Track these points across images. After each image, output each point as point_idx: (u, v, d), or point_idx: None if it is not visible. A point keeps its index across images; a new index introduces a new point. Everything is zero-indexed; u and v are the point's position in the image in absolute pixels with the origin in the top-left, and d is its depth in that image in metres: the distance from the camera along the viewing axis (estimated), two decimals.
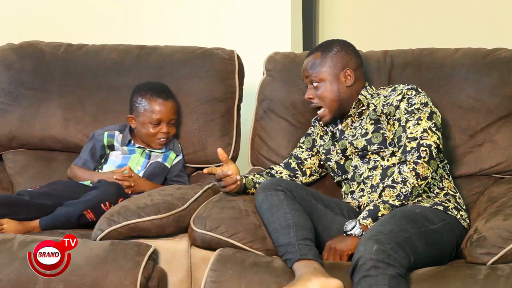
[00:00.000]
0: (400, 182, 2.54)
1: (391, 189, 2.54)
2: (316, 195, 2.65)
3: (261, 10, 3.74)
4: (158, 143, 3.09)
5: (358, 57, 2.84)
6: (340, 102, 2.79)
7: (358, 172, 2.76)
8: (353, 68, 2.80)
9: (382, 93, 2.79)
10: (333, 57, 2.79)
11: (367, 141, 2.74)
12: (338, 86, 2.78)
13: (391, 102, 2.71)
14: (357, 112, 2.80)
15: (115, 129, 3.13)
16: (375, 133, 2.74)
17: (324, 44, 2.87)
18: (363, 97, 2.79)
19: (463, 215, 2.65)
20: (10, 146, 3.29)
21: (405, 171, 2.55)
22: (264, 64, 3.18)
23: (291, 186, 2.58)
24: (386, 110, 2.72)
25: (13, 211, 2.79)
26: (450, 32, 3.86)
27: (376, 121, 2.74)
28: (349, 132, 2.81)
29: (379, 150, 2.73)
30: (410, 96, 2.69)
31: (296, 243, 2.42)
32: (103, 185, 2.87)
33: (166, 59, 3.23)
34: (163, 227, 2.65)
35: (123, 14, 3.88)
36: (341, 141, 2.82)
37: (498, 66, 2.93)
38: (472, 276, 2.31)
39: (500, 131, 2.89)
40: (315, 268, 2.35)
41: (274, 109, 3.11)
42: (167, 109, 3.07)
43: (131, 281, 2.45)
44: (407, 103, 2.68)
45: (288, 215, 2.48)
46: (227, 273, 2.43)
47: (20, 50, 3.33)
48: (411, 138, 2.61)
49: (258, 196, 2.57)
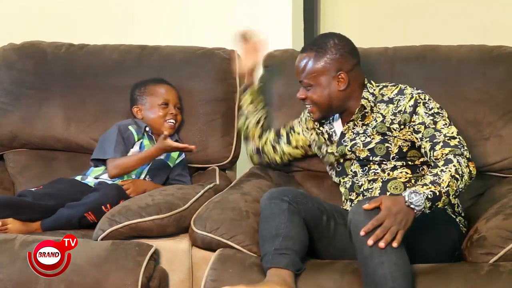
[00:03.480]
0: (460, 175, 2.43)
1: (455, 181, 2.42)
2: (322, 206, 2.59)
3: (262, 10, 3.73)
4: (168, 126, 3.09)
5: (354, 56, 2.71)
6: (330, 107, 2.71)
7: (357, 183, 2.71)
8: (348, 70, 2.68)
9: (387, 94, 2.71)
10: (326, 60, 2.67)
11: (370, 152, 2.68)
12: (329, 91, 2.68)
13: (403, 109, 2.63)
14: (360, 116, 2.72)
15: (131, 123, 3.11)
16: (379, 145, 2.66)
17: (319, 41, 2.72)
18: (365, 101, 2.69)
19: (461, 220, 2.64)
20: (12, 146, 3.29)
21: (463, 164, 2.46)
22: (262, 60, 3.17)
23: (297, 197, 2.53)
24: (399, 119, 2.64)
25: (16, 212, 2.79)
26: (451, 30, 3.86)
27: (383, 134, 2.66)
28: (349, 136, 2.73)
29: (381, 162, 2.68)
30: (425, 101, 2.63)
31: (273, 252, 2.39)
32: (104, 188, 2.88)
33: (167, 59, 3.24)
34: (164, 227, 2.65)
35: (124, 14, 3.88)
36: (340, 147, 2.75)
37: (505, 60, 2.93)
38: (475, 272, 2.33)
39: (507, 126, 2.88)
40: (284, 280, 2.32)
41: (271, 103, 3.09)
42: (172, 92, 3.12)
43: (133, 281, 2.46)
44: (424, 107, 2.61)
45: (282, 225, 2.44)
46: (227, 272, 2.43)
47: (21, 50, 3.33)
48: (450, 136, 2.54)
49: (263, 203, 2.54)
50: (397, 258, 2.26)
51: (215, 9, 3.80)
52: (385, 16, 4.03)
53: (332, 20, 4.14)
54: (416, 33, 3.89)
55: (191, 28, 3.80)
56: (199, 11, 3.81)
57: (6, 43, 3.38)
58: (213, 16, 3.79)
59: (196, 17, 3.81)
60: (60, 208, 2.83)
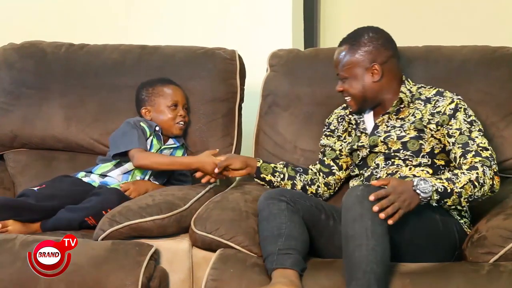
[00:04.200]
0: (480, 184, 2.47)
1: (472, 187, 2.46)
2: (320, 205, 2.61)
3: (262, 10, 3.74)
4: (178, 127, 3.08)
5: (389, 49, 2.74)
6: (365, 98, 2.73)
7: (375, 176, 2.71)
8: (382, 62, 2.70)
9: (424, 93, 2.73)
10: (359, 52, 2.71)
11: (402, 145, 2.68)
12: (363, 82, 2.71)
13: (442, 110, 2.65)
14: (395, 110, 2.73)
15: (140, 120, 3.08)
16: (413, 140, 2.67)
17: (353, 35, 2.77)
18: (404, 95, 2.71)
19: (466, 221, 2.64)
20: (12, 146, 3.29)
21: (487, 176, 2.49)
22: (268, 60, 3.17)
23: (295, 197, 2.54)
24: (438, 119, 2.65)
25: (16, 213, 2.79)
26: (452, 32, 3.86)
27: (420, 130, 2.67)
28: (383, 128, 2.73)
29: (408, 158, 2.67)
30: (465, 107, 2.65)
31: (277, 252, 2.39)
32: (105, 192, 2.87)
33: (167, 59, 3.23)
34: (164, 227, 2.65)
35: (125, 14, 3.88)
36: (373, 137, 2.74)
37: (507, 61, 2.93)
38: (475, 272, 2.33)
39: (510, 126, 2.87)
40: (291, 281, 2.33)
41: (279, 103, 3.09)
42: (180, 93, 3.11)
43: (133, 281, 2.45)
44: (464, 114, 2.64)
45: (283, 225, 2.45)
46: (228, 271, 2.43)
47: (21, 50, 3.33)
48: (483, 147, 2.56)
49: (261, 204, 2.55)
50: (376, 243, 2.26)
51: (216, 9, 3.80)
52: (385, 16, 4.03)
53: (332, 20, 4.14)
54: (419, 31, 3.90)
55: (191, 28, 3.80)
56: (200, 11, 3.81)
57: (6, 43, 3.38)
58: (213, 16, 3.80)
59: (197, 17, 3.81)
60: (60, 210, 2.82)
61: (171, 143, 3.11)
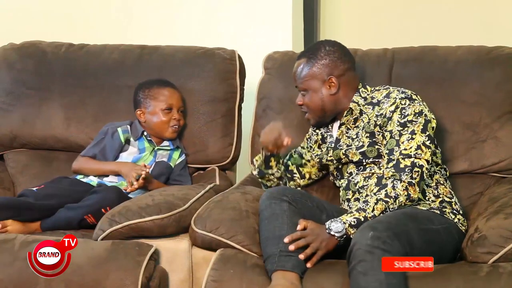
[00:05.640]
0: (393, 197, 2.51)
1: (384, 203, 2.49)
2: (321, 205, 2.62)
3: (262, 10, 3.74)
4: (172, 131, 3.09)
5: (345, 62, 2.77)
6: (324, 111, 2.76)
7: (353, 181, 2.72)
8: (338, 75, 2.74)
9: (376, 97, 2.74)
10: (316, 65, 2.75)
11: (361, 155, 2.70)
12: (321, 95, 2.74)
13: (384, 113, 2.67)
14: (352, 119, 2.75)
15: (125, 124, 3.11)
16: (370, 147, 2.69)
17: (311, 49, 2.82)
18: (354, 104, 2.74)
19: (460, 219, 2.64)
20: (12, 146, 3.29)
21: (399, 188, 2.51)
22: (263, 63, 3.17)
23: (296, 196, 2.55)
24: (379, 122, 2.67)
25: (16, 213, 2.79)
26: (449, 31, 3.86)
27: (371, 134, 2.69)
28: (344, 141, 2.76)
29: (374, 161, 2.69)
30: (404, 106, 2.64)
31: (278, 253, 2.40)
32: (104, 190, 2.88)
33: (167, 59, 3.23)
34: (164, 227, 2.65)
35: (125, 14, 3.88)
36: (336, 151, 2.78)
37: (502, 62, 2.92)
38: (474, 273, 2.32)
39: (504, 127, 2.87)
40: (292, 283, 2.33)
41: (272, 107, 3.09)
42: (176, 96, 3.10)
43: (133, 281, 2.45)
44: (400, 114, 2.63)
45: (284, 226, 2.45)
46: (228, 272, 2.43)
47: (21, 50, 3.34)
48: (405, 155, 2.56)
49: (262, 203, 2.55)
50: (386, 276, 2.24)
51: (216, 9, 3.80)
52: (385, 17, 4.04)
53: (332, 21, 4.14)
54: (417, 32, 3.90)
55: (191, 28, 3.80)
56: (200, 11, 3.81)
57: (6, 43, 3.39)
58: (213, 16, 3.80)
59: (197, 17, 3.81)
60: (60, 209, 2.83)
61: (166, 144, 3.12)
